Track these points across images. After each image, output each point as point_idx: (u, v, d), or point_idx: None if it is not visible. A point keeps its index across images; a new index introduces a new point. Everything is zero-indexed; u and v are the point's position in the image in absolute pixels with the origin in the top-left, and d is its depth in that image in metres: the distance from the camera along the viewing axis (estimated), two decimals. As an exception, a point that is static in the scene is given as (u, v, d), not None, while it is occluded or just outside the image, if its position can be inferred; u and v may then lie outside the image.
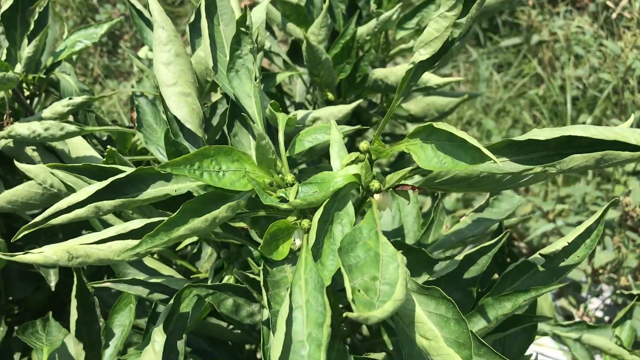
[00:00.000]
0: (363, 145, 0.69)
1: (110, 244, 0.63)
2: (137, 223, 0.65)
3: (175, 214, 0.61)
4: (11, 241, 0.69)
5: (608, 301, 2.45)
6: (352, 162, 0.69)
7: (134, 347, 1.13)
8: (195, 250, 1.08)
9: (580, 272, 2.38)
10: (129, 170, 0.68)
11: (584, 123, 2.92)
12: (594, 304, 2.49)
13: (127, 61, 3.62)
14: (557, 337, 1.17)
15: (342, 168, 0.68)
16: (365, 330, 1.06)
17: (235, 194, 0.66)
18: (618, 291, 1.41)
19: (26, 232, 0.65)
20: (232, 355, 1.01)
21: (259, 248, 0.61)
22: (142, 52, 1.47)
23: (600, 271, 2.25)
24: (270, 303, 0.63)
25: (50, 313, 1.09)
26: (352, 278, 0.51)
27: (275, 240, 0.64)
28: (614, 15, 3.12)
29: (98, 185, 0.66)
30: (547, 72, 3.17)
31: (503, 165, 0.63)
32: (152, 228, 0.63)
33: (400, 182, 0.68)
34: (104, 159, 0.82)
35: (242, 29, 0.80)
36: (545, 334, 1.16)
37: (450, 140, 0.60)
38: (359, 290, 0.49)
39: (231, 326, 1.06)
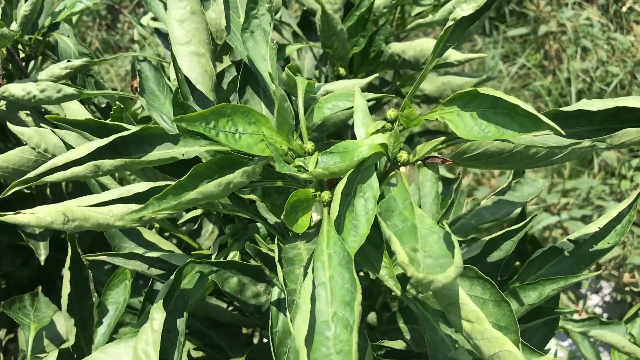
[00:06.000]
0: (391, 112, 0.63)
1: (111, 208, 0.57)
2: (142, 186, 0.58)
3: (184, 177, 0.55)
4: None
5: (607, 298, 2.41)
6: (378, 131, 0.63)
7: (125, 327, 1.07)
8: (195, 227, 1.02)
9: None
10: (133, 128, 0.62)
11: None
12: (593, 300, 2.45)
13: (126, 35, 3.53)
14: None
15: (368, 137, 0.62)
16: (370, 318, 1.01)
17: (249, 160, 0.61)
18: (627, 288, 1.37)
19: (17, 188, 0.58)
20: (233, 337, 0.95)
21: (282, 217, 0.55)
22: (145, 20, 1.41)
23: (602, 267, 2.21)
24: (285, 281, 0.57)
25: (40, 288, 1.03)
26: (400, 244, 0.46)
27: (295, 211, 0.58)
28: (624, 9, 3.06)
29: (99, 142, 0.59)
30: (554, 64, 3.12)
31: (547, 138, 0.58)
32: (158, 192, 0.57)
33: (430, 154, 0.62)
34: (109, 118, 0.76)
35: (260, -14, 0.74)
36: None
37: (494, 107, 0.55)
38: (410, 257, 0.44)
39: (231, 307, 1.01)
